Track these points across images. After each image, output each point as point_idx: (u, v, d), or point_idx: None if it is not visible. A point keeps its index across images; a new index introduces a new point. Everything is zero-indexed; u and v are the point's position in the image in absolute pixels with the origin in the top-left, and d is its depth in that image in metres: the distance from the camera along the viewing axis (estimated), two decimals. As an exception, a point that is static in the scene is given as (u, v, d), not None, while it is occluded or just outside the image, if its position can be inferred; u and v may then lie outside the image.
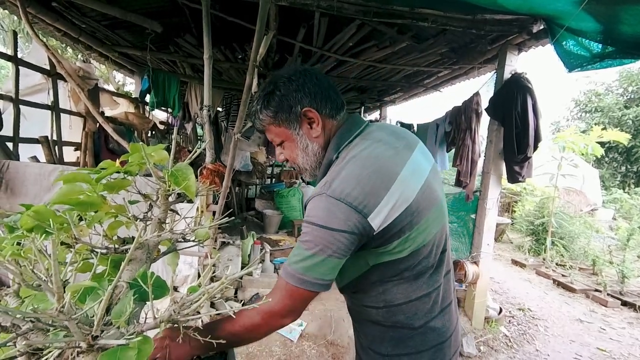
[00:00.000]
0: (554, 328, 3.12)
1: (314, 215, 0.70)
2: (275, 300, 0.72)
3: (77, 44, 3.11)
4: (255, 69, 1.83)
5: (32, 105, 2.42)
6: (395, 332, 0.81)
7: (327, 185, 0.71)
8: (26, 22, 2.12)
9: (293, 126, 0.81)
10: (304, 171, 0.88)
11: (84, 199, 0.77)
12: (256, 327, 0.75)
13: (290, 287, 0.71)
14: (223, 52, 3.55)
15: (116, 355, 0.39)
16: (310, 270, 0.70)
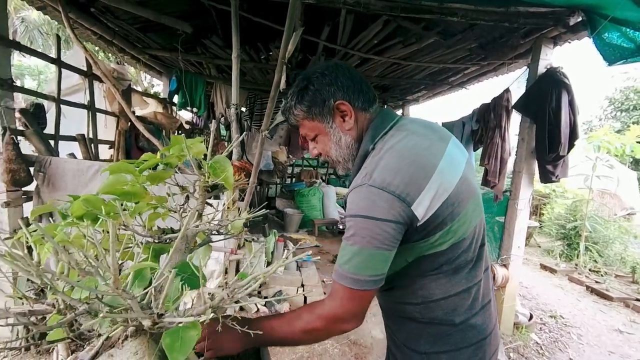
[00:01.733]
0: (589, 337, 2.95)
1: (356, 207, 0.69)
2: (336, 305, 0.71)
3: (111, 46, 3.26)
4: (284, 66, 1.85)
5: (71, 104, 2.56)
6: (433, 328, 0.79)
7: (367, 176, 0.70)
8: (68, 26, 2.24)
9: (326, 120, 0.82)
10: (337, 164, 0.88)
11: (128, 189, 0.80)
12: (316, 331, 0.74)
13: (346, 289, 0.69)
14: (248, 52, 3.61)
15: (179, 334, 0.40)
16: (362, 268, 0.68)
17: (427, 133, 0.78)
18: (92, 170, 2.21)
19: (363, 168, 0.75)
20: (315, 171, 7.21)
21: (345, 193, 6.84)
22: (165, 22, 2.62)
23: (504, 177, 2.97)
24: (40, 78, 14.55)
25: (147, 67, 4.26)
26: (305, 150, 5.51)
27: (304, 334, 0.75)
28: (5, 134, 1.89)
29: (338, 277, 0.71)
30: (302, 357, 2.28)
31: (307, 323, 0.74)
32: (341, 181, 7.46)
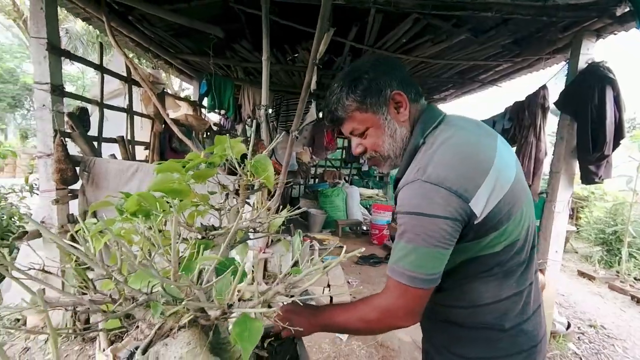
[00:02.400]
0: (636, 350, 2.75)
1: (409, 204, 0.67)
2: (391, 300, 0.71)
3: (147, 52, 3.42)
4: (314, 67, 1.87)
5: (113, 108, 2.71)
6: (481, 333, 0.76)
7: (420, 171, 0.68)
8: (110, 35, 2.38)
9: (381, 111, 0.77)
10: (385, 160, 0.84)
11: (176, 187, 0.84)
12: (372, 323, 0.74)
13: (401, 286, 0.68)
14: (275, 54, 3.67)
15: (246, 324, 0.41)
16: (417, 266, 0.67)
17: (476, 129, 0.77)
18: (131, 170, 2.33)
19: (414, 163, 0.73)
20: (339, 172, 7.20)
21: (369, 193, 6.79)
22: (198, 27, 2.72)
23: (539, 178, 2.83)
24: (78, 84, 15.54)
25: (179, 72, 4.43)
26: (330, 151, 5.53)
27: (360, 322, 0.76)
28: (56, 136, 2.04)
29: (393, 273, 0.70)
30: (329, 357, 2.29)
31: (365, 313, 0.75)
32: (364, 182, 7.41)
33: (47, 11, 1.94)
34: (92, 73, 15.00)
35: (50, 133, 2.04)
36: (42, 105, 2.02)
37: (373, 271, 3.85)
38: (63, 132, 2.10)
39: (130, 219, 0.78)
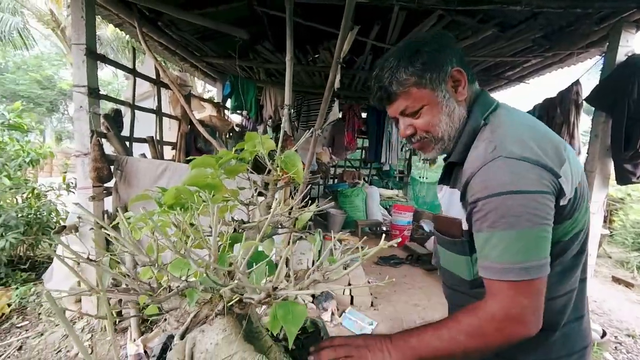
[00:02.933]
0: (679, 362, 2.57)
1: (499, 184, 0.59)
2: (507, 303, 0.60)
3: (174, 55, 3.56)
4: (338, 66, 1.88)
5: (143, 109, 2.84)
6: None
7: (499, 149, 0.61)
8: (142, 40, 2.50)
9: (440, 87, 0.71)
10: (437, 142, 0.76)
11: (209, 181, 0.87)
12: (489, 338, 0.61)
13: (514, 285, 0.59)
14: (296, 55, 3.71)
15: (289, 307, 0.43)
16: (529, 253, 0.58)
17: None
18: (160, 168, 2.43)
19: (481, 144, 0.67)
20: (358, 172, 7.16)
21: (389, 194, 6.72)
22: (224, 30, 2.80)
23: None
24: (109, 88, 16.35)
25: (204, 74, 4.57)
26: (350, 151, 5.51)
27: (472, 339, 0.61)
28: (93, 136, 2.16)
29: (497, 274, 0.60)
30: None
31: (476, 327, 0.62)
32: (384, 182, 7.33)
33: (87, 19, 2.06)
34: (122, 78, 15.76)
35: (87, 133, 2.17)
36: (80, 107, 2.14)
37: (394, 272, 3.81)
38: (99, 132, 2.22)
39: (167, 211, 0.82)
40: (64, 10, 8.67)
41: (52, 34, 10.16)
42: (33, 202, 3.34)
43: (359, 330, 2.48)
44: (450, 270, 0.82)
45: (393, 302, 2.98)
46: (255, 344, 0.74)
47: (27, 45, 9.24)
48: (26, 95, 14.83)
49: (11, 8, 8.58)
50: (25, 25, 9.29)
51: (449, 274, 0.83)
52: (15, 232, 2.73)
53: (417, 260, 4.09)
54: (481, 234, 0.63)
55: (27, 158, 3.32)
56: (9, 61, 15.67)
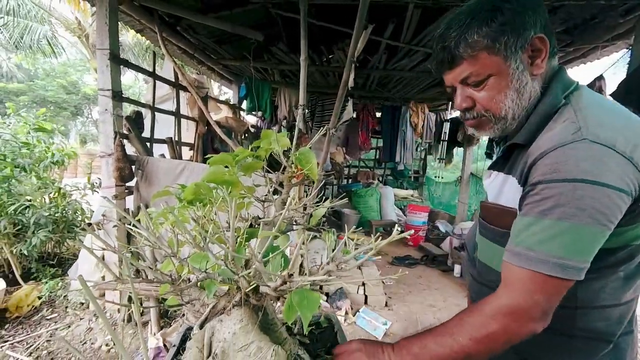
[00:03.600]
0: None
1: (573, 169, 0.51)
2: (520, 296, 0.56)
3: (192, 59, 3.66)
4: (352, 65, 1.89)
5: (163, 111, 2.94)
6: (583, 343, 0.63)
7: (584, 130, 0.53)
8: (162, 44, 2.59)
9: (515, 56, 0.61)
10: (497, 122, 0.67)
11: (227, 178, 0.90)
12: (493, 337, 0.56)
13: (540, 277, 0.54)
14: (310, 55, 3.74)
15: (304, 294, 0.45)
16: (575, 251, 0.52)
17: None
18: (179, 168, 2.50)
19: (561, 124, 0.58)
20: (372, 172, 7.13)
21: (403, 194, 6.65)
22: (240, 33, 2.86)
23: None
24: (129, 92, 16.97)
25: (220, 77, 4.67)
26: (364, 150, 5.49)
27: (475, 343, 0.56)
28: (116, 137, 2.25)
29: (528, 262, 0.55)
30: (365, 355, 2.28)
31: (479, 326, 0.57)
32: (399, 182, 7.26)
33: (110, 25, 2.15)
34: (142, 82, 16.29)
35: (111, 135, 2.26)
36: (105, 110, 2.24)
37: (408, 272, 3.76)
38: (122, 133, 2.31)
39: (187, 206, 0.85)
40: (89, 18, 9.07)
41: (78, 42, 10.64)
42: (60, 201, 3.51)
43: (372, 329, 2.47)
44: (489, 264, 0.75)
45: (408, 302, 2.96)
46: (271, 335, 0.76)
47: (55, 53, 9.71)
48: (53, 100, 15.58)
49: (39, 17, 9.05)
50: (54, 34, 9.77)
51: (487, 269, 0.76)
52: (45, 230, 2.87)
53: (433, 260, 4.04)
54: (526, 218, 0.58)
55: (53, 159, 3.49)
56: (39, 68, 16.52)
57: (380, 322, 2.54)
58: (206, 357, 0.72)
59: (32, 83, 15.16)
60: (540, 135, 0.61)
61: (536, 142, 0.61)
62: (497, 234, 0.71)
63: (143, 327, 2.52)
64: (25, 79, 15.16)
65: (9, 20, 8.48)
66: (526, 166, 0.60)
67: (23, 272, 2.99)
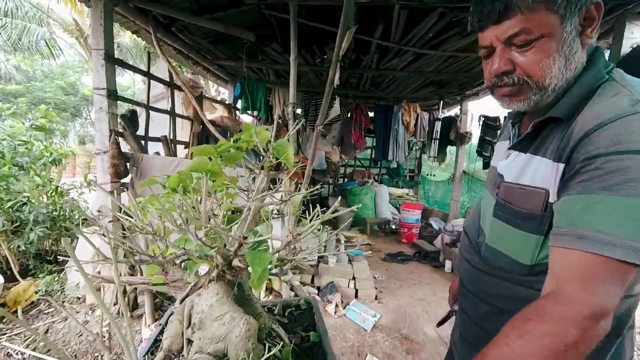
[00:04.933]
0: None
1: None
2: (593, 290, 0.47)
3: (187, 59, 3.73)
4: (338, 63, 1.96)
5: (158, 110, 3.00)
6: None
7: (634, 107, 0.51)
8: (156, 44, 2.65)
9: (571, 19, 0.56)
10: (539, 91, 0.61)
11: (210, 167, 0.97)
12: (573, 345, 0.45)
13: (616, 265, 0.47)
14: (304, 56, 3.81)
15: (257, 254, 0.51)
16: None
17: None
18: (173, 165, 2.57)
19: (604, 98, 0.56)
20: (368, 171, 7.20)
21: (399, 193, 6.72)
22: (233, 33, 2.93)
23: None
24: (128, 92, 17.03)
25: (216, 77, 4.74)
26: (358, 150, 5.56)
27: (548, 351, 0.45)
28: (111, 135, 2.32)
29: (597, 246, 0.48)
30: (353, 346, 2.34)
31: (549, 337, 0.46)
32: (394, 181, 7.33)
33: (105, 26, 2.22)
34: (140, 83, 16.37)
35: (106, 132, 2.33)
36: (100, 108, 2.31)
37: (401, 268, 3.84)
38: (117, 131, 2.38)
39: (171, 193, 0.92)
40: (87, 19, 9.14)
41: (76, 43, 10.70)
42: (57, 199, 3.57)
43: (362, 321, 2.54)
44: (501, 250, 0.70)
45: (398, 296, 3.02)
46: (246, 309, 0.83)
47: (53, 55, 9.77)
48: (52, 101, 15.64)
49: (37, 18, 9.12)
50: (52, 35, 9.84)
51: (497, 254, 0.71)
52: (42, 227, 2.93)
53: (425, 257, 4.10)
54: (582, 196, 0.51)
55: (50, 158, 3.55)
56: (37, 70, 16.58)
57: (369, 314, 2.61)
58: (186, 328, 0.79)
59: (30, 84, 15.22)
60: (583, 109, 0.57)
61: (581, 115, 0.56)
62: (520, 216, 0.65)
63: (138, 319, 2.58)
64: (23, 80, 15.21)
65: (7, 21, 8.55)
66: (570, 141, 0.56)
67: (21, 269, 3.04)
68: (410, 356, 2.28)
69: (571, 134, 0.56)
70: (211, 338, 0.73)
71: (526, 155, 0.67)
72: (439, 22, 2.68)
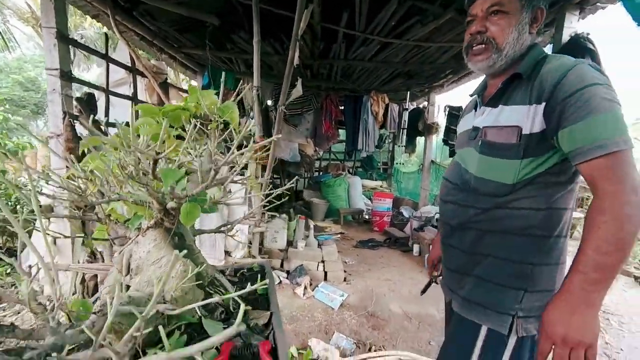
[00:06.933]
0: (631, 325, 2.74)
1: (591, 77, 0.72)
2: (626, 177, 0.67)
3: (152, 46, 3.62)
4: (297, 42, 1.99)
5: (118, 95, 2.91)
6: (542, 241, 0.84)
7: (578, 61, 0.77)
8: (114, 25, 2.57)
9: (527, 10, 0.84)
10: (497, 52, 0.87)
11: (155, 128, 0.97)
12: (635, 220, 0.66)
13: (627, 154, 0.68)
14: (272, 44, 3.81)
15: (188, 207, 0.54)
16: (624, 128, 0.69)
17: None
18: (135, 150, 2.50)
19: (554, 60, 0.81)
20: (343, 164, 7.30)
21: (372, 185, 6.85)
22: (196, 16, 2.89)
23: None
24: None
25: (184, 67, 4.64)
26: (331, 141, 5.63)
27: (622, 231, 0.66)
28: (65, 118, 2.23)
29: (614, 145, 0.67)
30: (321, 325, 2.39)
31: (617, 218, 0.66)
32: (368, 174, 7.48)
33: (56, 3, 2.13)
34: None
35: (60, 115, 2.23)
36: (53, 90, 2.21)
37: (370, 253, 3.93)
38: (71, 114, 2.29)
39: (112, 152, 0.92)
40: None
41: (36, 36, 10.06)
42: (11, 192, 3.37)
43: (329, 301, 2.59)
44: (489, 178, 0.90)
45: (366, 277, 3.11)
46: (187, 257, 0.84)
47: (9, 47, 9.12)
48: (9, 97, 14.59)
49: (-10, 7, 8.49)
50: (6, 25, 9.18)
51: (487, 182, 0.91)
52: (-7, 219, 2.76)
53: (395, 242, 4.23)
54: (580, 123, 0.71)
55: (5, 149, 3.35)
56: (-10, 64, 15.41)
57: (337, 294, 2.67)
58: (124, 276, 0.80)
59: (-18, 80, 14.14)
60: (541, 69, 0.81)
61: (544, 71, 0.80)
62: (502, 148, 0.86)
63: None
64: (-26, 75, 14.11)
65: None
66: (545, 87, 0.77)
67: (-30, 264, 2.86)
68: (375, 332, 2.36)
69: (544, 83, 0.78)
70: (147, 281, 0.74)
71: (497, 108, 0.90)
72: (399, 9, 2.78)
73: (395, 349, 2.16)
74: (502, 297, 0.87)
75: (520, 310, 0.85)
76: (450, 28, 3.07)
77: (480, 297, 0.91)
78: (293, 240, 3.08)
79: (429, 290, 1.32)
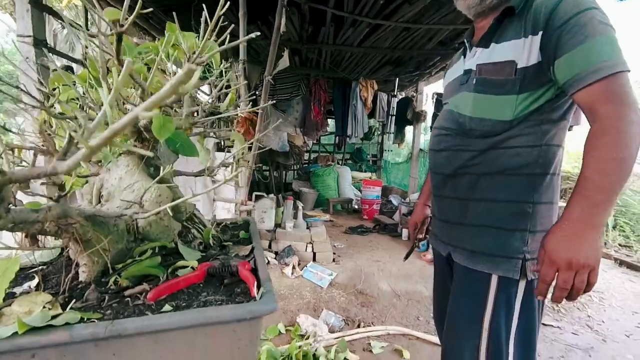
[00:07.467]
0: (612, 300, 2.81)
1: (585, 3, 0.72)
2: (627, 97, 0.67)
3: (134, 26, 3.51)
4: (283, 8, 1.95)
5: (99, 72, 2.80)
6: (539, 179, 0.84)
7: None
8: None
9: None
10: None
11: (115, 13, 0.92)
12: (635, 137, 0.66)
13: (626, 75, 0.68)
14: (260, 27, 3.75)
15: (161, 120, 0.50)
16: (620, 51, 0.69)
17: None
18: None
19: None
20: (332, 156, 7.28)
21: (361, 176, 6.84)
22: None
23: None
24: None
25: (169, 51, 4.52)
26: (320, 131, 5.60)
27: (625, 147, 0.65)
28: (41, 88, 2.12)
29: (613, 67, 0.67)
30: (309, 303, 2.36)
31: (619, 136, 0.66)
32: (357, 165, 7.48)
33: (29, -33, 2.02)
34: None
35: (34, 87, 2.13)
36: (26, 58, 2.10)
37: (360, 238, 3.93)
38: (48, 85, 2.18)
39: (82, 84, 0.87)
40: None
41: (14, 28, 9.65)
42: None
43: (318, 280, 2.57)
44: (486, 117, 0.88)
45: (355, 258, 3.09)
46: (164, 189, 0.79)
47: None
48: (-15, 90, 14.00)
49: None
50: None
51: (484, 121, 0.89)
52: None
53: (384, 228, 4.23)
54: (577, 48, 0.70)
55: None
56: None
57: (326, 273, 2.64)
58: (95, 205, 0.75)
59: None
60: (533, 2, 0.80)
61: (536, 1, 0.79)
62: (498, 84, 0.85)
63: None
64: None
65: None
66: (540, 17, 0.76)
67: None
68: (364, 309, 2.34)
69: (538, 13, 0.77)
70: (119, 206, 0.69)
71: (489, 47, 0.88)
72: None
73: (384, 325, 2.15)
74: (509, 241, 0.85)
75: (527, 252, 0.84)
76: (438, 8, 3.08)
77: (487, 245, 0.89)
78: (281, 223, 3.03)
79: (418, 269, 1.29)
